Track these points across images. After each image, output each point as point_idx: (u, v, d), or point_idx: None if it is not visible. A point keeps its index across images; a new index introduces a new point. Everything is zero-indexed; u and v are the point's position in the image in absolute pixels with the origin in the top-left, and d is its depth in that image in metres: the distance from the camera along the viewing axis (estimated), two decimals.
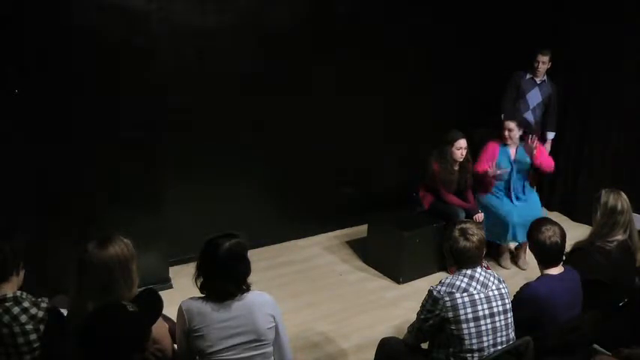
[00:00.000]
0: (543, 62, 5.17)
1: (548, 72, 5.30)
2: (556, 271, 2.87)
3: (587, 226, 4.73)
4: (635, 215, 3.32)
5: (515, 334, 2.70)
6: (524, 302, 2.76)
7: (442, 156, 4.62)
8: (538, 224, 2.92)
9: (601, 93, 5.49)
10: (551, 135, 5.45)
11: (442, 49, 5.38)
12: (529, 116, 5.27)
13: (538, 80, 5.24)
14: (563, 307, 2.78)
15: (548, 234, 2.83)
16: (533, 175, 4.97)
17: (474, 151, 4.81)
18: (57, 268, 3.15)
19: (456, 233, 2.68)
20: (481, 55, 5.63)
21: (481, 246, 2.71)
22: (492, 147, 4.76)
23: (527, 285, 2.86)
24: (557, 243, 2.83)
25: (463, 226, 2.71)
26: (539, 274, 2.91)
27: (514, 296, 2.81)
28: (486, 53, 5.64)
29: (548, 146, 5.42)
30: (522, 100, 5.27)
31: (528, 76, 5.24)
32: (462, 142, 4.57)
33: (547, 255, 2.87)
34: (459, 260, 2.68)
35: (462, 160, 4.63)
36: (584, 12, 5.48)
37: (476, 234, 2.68)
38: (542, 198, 6.11)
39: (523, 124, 4.84)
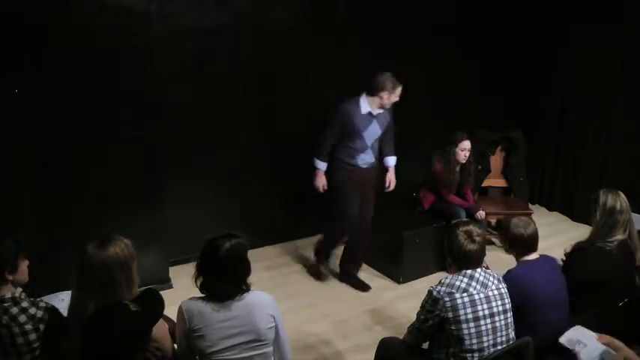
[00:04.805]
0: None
1: None
2: (533, 256, 2.99)
3: (587, 226, 4.73)
4: (634, 215, 3.32)
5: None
6: (508, 289, 2.77)
7: (445, 156, 4.62)
8: (509, 222, 3.06)
9: (601, 93, 5.50)
10: (393, 161, 4.43)
11: (443, 50, 5.38)
12: (368, 157, 4.20)
13: (376, 112, 4.10)
14: (544, 288, 2.87)
15: (522, 225, 2.97)
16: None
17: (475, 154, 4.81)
18: (57, 268, 3.15)
19: (462, 236, 2.66)
20: (482, 56, 5.64)
21: (484, 247, 2.72)
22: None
23: (508, 272, 2.92)
24: (533, 232, 2.98)
25: (467, 228, 2.70)
26: None
27: None
28: (487, 54, 5.65)
29: (392, 174, 4.44)
30: (359, 139, 4.11)
31: (365, 110, 4.05)
32: (467, 144, 4.57)
33: (523, 247, 2.99)
34: (461, 262, 2.67)
35: (464, 161, 4.63)
36: (584, 12, 5.49)
37: (480, 235, 2.69)
38: (542, 198, 6.16)
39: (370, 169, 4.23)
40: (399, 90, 4.04)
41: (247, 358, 2.35)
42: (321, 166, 4.22)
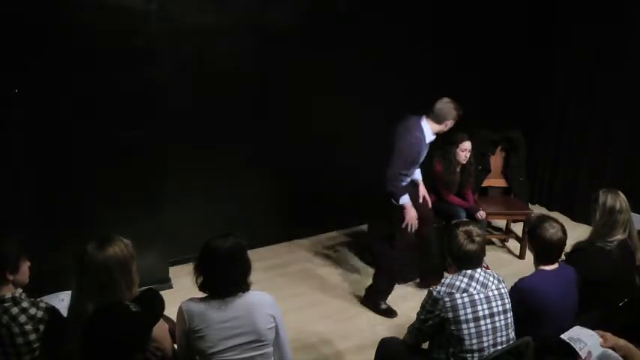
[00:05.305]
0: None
1: None
2: (551, 267, 2.91)
3: (587, 226, 4.72)
4: (634, 215, 3.33)
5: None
6: (518, 296, 2.76)
7: (445, 157, 4.61)
8: (540, 221, 2.93)
9: (601, 93, 5.50)
10: (419, 174, 4.29)
11: (443, 50, 5.37)
12: (414, 176, 4.19)
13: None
14: (558, 302, 2.81)
15: (552, 231, 2.85)
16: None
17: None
18: (57, 268, 3.14)
19: (461, 237, 2.66)
20: (482, 56, 5.63)
21: (484, 247, 2.72)
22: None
23: (521, 280, 2.89)
24: (562, 239, 2.87)
25: (467, 228, 2.70)
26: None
27: (509, 291, 2.82)
28: (487, 54, 5.65)
29: (424, 189, 4.33)
30: (414, 167, 4.02)
31: (429, 139, 3.94)
32: (467, 144, 4.56)
33: (548, 252, 2.89)
34: (461, 262, 2.67)
35: (465, 162, 4.62)
36: (584, 12, 5.49)
37: (480, 235, 2.68)
38: (542, 198, 6.15)
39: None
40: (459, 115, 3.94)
41: (248, 359, 2.35)
42: (407, 199, 3.90)
